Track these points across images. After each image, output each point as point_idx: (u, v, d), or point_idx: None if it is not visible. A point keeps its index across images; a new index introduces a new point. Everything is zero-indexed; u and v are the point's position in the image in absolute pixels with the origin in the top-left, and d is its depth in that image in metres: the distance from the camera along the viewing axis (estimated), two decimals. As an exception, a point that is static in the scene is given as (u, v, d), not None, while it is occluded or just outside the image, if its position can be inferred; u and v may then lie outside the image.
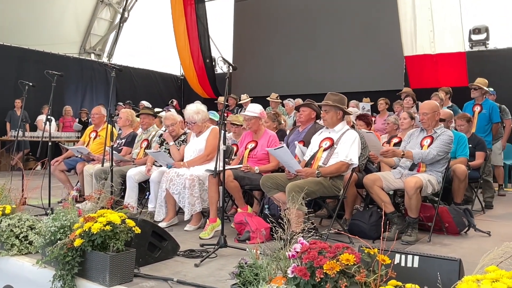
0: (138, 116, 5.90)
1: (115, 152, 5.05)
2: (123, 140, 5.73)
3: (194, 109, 4.71)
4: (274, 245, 2.26)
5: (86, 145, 5.91)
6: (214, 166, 3.68)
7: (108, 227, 2.65)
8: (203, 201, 4.37)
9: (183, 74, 14.02)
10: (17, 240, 3.30)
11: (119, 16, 15.40)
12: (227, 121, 5.26)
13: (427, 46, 8.97)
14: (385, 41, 10.20)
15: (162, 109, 7.98)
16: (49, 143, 4.99)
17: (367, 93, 9.39)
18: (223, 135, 3.57)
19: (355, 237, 3.18)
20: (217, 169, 3.66)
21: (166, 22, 12.92)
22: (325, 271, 1.87)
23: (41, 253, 3.06)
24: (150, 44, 14.74)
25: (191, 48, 12.77)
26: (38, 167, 5.18)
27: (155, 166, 5.02)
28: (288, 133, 5.41)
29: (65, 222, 2.90)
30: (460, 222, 4.19)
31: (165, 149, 5.08)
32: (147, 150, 5.16)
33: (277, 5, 12.21)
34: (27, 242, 3.31)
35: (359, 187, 4.66)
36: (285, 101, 9.05)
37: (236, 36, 13.09)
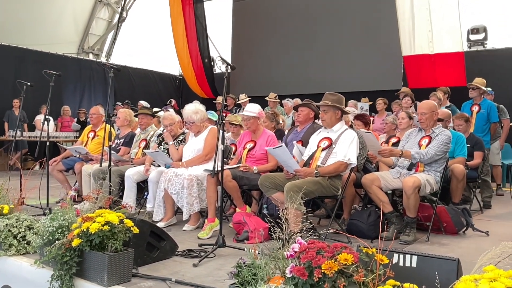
0: (136, 116, 5.89)
1: (113, 152, 5.05)
2: (121, 140, 5.71)
3: (192, 109, 4.70)
4: (272, 245, 2.26)
5: (84, 145, 5.91)
6: (212, 166, 3.68)
7: (106, 227, 2.65)
8: (202, 201, 4.37)
9: (182, 74, 14.02)
10: (15, 240, 3.30)
11: (117, 16, 15.38)
12: (225, 121, 5.27)
13: (425, 46, 8.96)
14: (383, 41, 10.19)
15: (161, 109, 7.96)
16: (47, 143, 4.99)
17: (366, 93, 9.41)
18: (221, 135, 3.57)
19: (353, 237, 3.18)
20: (216, 169, 3.66)
21: (165, 22, 12.91)
22: (323, 270, 1.87)
23: (39, 253, 3.06)
24: (148, 44, 14.73)
25: (190, 48, 12.76)
26: (36, 167, 5.19)
27: (154, 166, 5.02)
28: (286, 133, 5.41)
29: (63, 222, 2.89)
30: (458, 222, 4.19)
31: (163, 149, 5.08)
32: (146, 150, 5.15)
33: (275, 5, 12.20)
34: (25, 242, 3.31)
35: (358, 187, 4.67)
36: (283, 101, 9.05)
37: (235, 35, 13.07)
